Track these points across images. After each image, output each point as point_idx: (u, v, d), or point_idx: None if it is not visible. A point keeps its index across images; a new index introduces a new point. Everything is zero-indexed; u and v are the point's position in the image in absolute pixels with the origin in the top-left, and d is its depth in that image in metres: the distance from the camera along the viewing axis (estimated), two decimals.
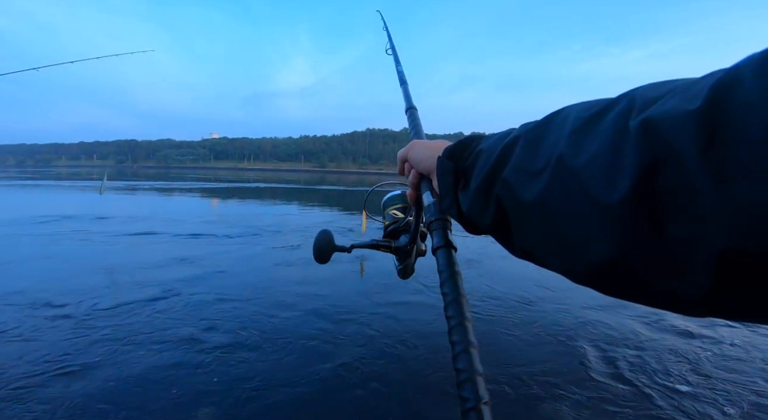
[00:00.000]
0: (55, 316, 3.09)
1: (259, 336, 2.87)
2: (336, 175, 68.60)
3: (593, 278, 0.27)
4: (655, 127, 0.22)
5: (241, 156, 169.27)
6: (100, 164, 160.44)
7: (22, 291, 3.61)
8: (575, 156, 0.27)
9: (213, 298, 3.62)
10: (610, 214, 0.24)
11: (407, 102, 0.81)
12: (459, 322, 0.38)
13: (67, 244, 5.72)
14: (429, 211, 0.50)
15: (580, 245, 0.27)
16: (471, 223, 0.42)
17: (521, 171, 0.32)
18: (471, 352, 0.35)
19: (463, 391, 0.33)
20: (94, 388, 2.15)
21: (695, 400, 2.26)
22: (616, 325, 3.30)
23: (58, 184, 19.79)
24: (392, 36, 1.09)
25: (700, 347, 2.94)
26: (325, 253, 0.67)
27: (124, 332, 2.83)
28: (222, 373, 2.34)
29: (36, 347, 2.57)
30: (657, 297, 0.24)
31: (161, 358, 2.49)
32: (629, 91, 0.27)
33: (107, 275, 4.28)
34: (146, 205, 11.61)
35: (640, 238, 0.23)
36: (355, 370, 2.48)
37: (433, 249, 0.47)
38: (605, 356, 2.76)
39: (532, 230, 0.31)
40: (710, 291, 0.20)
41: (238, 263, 4.94)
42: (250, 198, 14.81)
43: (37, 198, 12.53)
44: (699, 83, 0.22)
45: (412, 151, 0.54)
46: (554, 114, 0.33)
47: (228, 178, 34.21)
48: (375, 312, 3.41)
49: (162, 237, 6.48)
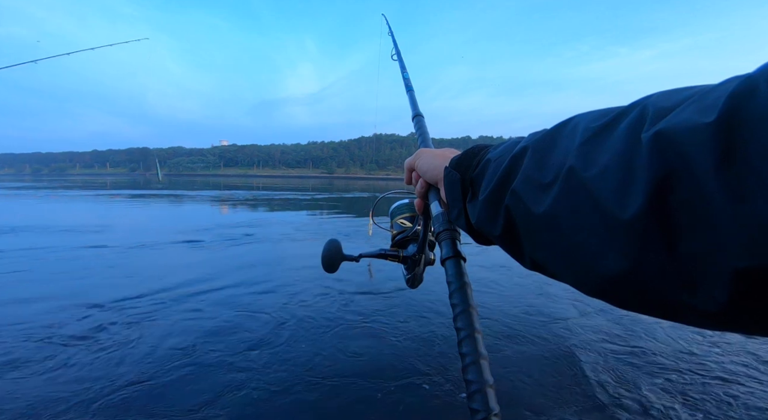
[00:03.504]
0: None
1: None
2: (344, 181, 68.79)
3: (605, 292, 0.27)
4: (669, 140, 0.21)
5: (251, 163, 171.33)
6: (113, 172, 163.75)
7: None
8: (586, 168, 0.26)
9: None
10: (622, 228, 0.23)
11: (414, 109, 0.81)
12: (469, 333, 0.38)
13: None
14: (437, 221, 0.50)
15: (591, 259, 0.26)
16: (480, 233, 0.41)
17: (531, 182, 0.31)
18: (481, 364, 0.35)
19: (473, 403, 0.33)
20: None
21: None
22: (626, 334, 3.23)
23: (101, 194, 19.74)
24: (398, 42, 1.09)
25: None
26: (334, 263, 0.67)
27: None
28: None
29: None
30: (671, 310, 0.24)
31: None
32: (640, 100, 0.26)
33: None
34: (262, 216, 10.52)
35: (653, 253, 0.22)
36: (356, 376, 2.47)
37: (442, 260, 0.46)
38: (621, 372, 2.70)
39: (543, 242, 0.31)
40: (726, 305, 0.20)
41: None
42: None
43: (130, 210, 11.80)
44: (714, 93, 0.21)
45: (419, 160, 0.54)
46: (563, 123, 0.32)
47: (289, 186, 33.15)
48: (379, 310, 3.40)
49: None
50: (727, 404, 2.25)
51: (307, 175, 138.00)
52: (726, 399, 2.30)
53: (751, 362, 2.75)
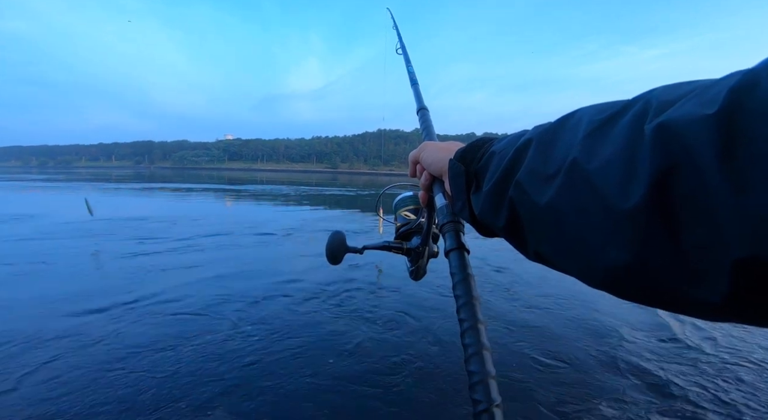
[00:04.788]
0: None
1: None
2: (348, 176, 68.85)
3: (608, 283, 0.27)
4: (671, 132, 0.21)
5: (255, 157, 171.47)
6: (119, 165, 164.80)
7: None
8: (589, 160, 0.27)
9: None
10: (624, 219, 0.24)
11: (418, 103, 0.81)
12: (472, 324, 0.38)
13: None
14: (441, 213, 0.50)
15: (594, 250, 0.26)
16: (484, 225, 0.42)
17: (534, 174, 0.32)
18: (484, 355, 0.35)
19: (475, 394, 0.33)
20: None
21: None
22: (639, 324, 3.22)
23: (118, 187, 20.25)
24: (402, 36, 1.09)
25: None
26: (337, 254, 0.67)
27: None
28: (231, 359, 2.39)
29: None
30: (674, 302, 0.24)
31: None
32: (644, 93, 0.26)
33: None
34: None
35: (656, 245, 0.22)
36: (364, 368, 2.49)
37: (446, 252, 0.47)
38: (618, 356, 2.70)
39: (546, 234, 0.31)
40: (728, 297, 0.20)
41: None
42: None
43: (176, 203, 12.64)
44: (716, 86, 0.21)
45: (423, 152, 0.54)
46: (567, 116, 0.32)
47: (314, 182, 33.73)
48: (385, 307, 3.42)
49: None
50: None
51: (311, 169, 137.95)
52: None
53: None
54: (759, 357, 2.82)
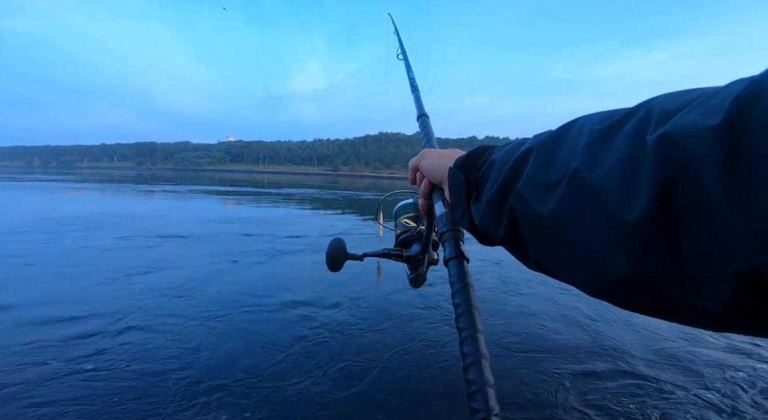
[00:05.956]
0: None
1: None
2: (349, 179, 68.90)
3: (609, 293, 0.27)
4: (674, 143, 0.21)
5: (257, 159, 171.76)
6: (121, 166, 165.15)
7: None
8: (591, 170, 0.26)
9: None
10: (626, 229, 0.23)
11: (419, 109, 0.81)
12: (471, 333, 0.38)
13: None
14: (441, 221, 0.50)
15: (595, 260, 0.26)
16: (484, 234, 0.41)
17: (535, 183, 0.31)
18: (482, 364, 0.35)
19: (473, 403, 0.33)
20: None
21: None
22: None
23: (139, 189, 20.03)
24: (405, 43, 1.09)
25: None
26: (337, 261, 0.67)
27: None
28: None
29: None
30: (675, 311, 0.24)
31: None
32: (646, 102, 0.26)
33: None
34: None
35: (657, 255, 0.22)
36: (362, 374, 2.47)
37: (445, 260, 0.46)
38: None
39: (547, 243, 0.31)
40: (729, 308, 0.20)
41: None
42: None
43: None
44: (719, 95, 0.21)
45: (423, 160, 0.54)
46: (568, 125, 0.32)
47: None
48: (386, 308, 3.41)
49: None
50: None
51: (312, 172, 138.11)
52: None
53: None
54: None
